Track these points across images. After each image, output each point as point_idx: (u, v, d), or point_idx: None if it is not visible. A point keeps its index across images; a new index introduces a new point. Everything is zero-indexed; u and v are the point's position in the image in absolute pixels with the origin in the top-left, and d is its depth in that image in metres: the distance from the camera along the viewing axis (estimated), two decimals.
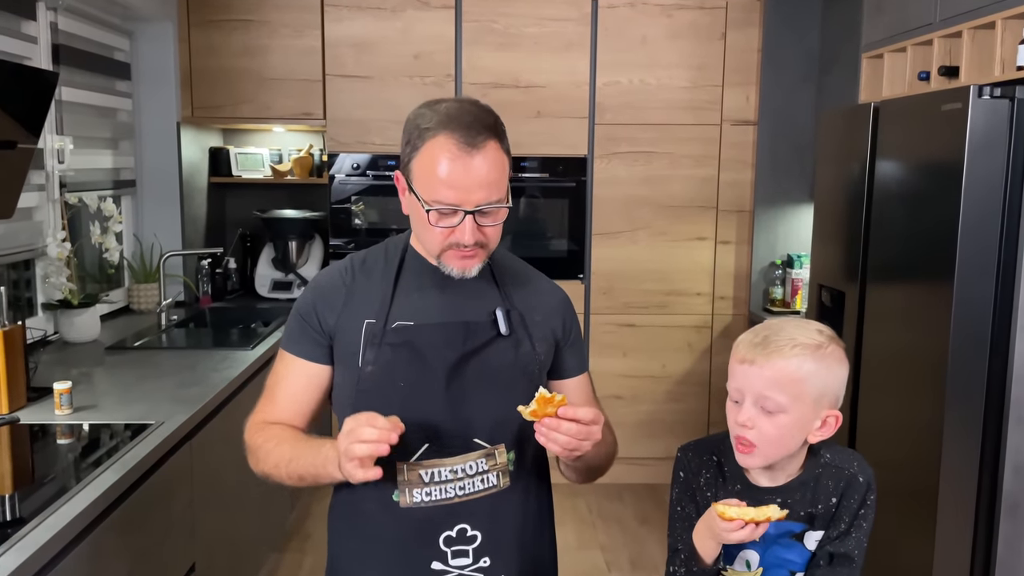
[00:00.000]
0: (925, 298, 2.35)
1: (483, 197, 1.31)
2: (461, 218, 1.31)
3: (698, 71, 3.90)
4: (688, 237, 4.01)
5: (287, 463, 1.34)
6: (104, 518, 1.73)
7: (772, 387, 1.20)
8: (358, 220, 3.91)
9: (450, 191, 1.29)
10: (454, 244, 1.34)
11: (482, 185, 1.30)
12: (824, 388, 1.23)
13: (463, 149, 1.29)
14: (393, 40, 3.82)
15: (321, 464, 1.29)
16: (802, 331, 1.23)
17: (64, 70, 3.09)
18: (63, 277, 2.91)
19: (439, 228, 1.33)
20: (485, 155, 1.30)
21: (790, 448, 1.25)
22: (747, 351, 1.22)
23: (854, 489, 1.27)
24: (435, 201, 1.31)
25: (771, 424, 1.22)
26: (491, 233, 1.35)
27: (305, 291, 1.47)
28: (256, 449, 1.40)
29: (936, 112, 2.27)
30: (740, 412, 1.23)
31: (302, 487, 1.38)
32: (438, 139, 1.30)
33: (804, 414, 1.23)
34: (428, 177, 1.31)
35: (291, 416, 1.43)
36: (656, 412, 4.09)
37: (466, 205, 1.30)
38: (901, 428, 2.39)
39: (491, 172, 1.30)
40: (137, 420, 2.12)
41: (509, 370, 1.41)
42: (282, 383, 1.44)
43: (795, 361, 1.20)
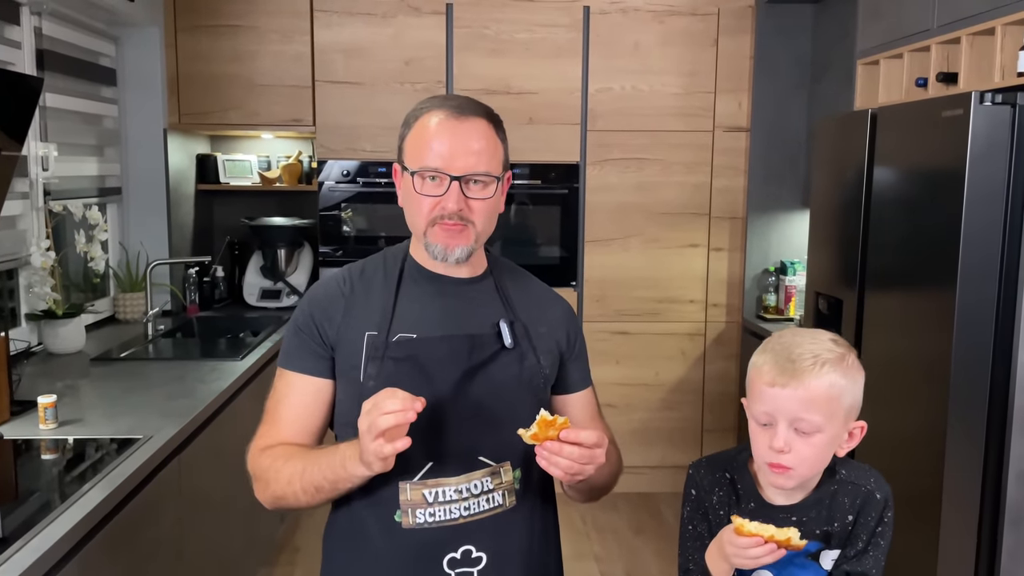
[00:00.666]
0: (926, 305, 2.33)
1: (470, 165, 1.30)
2: (447, 186, 1.29)
3: (690, 77, 3.88)
4: (681, 244, 3.98)
5: (301, 475, 1.28)
6: (91, 538, 1.68)
7: (807, 409, 1.17)
8: (347, 227, 3.86)
9: (436, 157, 1.29)
10: (439, 217, 1.31)
11: (469, 152, 1.29)
12: (853, 400, 1.21)
13: (452, 116, 1.30)
14: (384, 46, 3.78)
15: (340, 464, 1.23)
16: (819, 344, 1.20)
17: (48, 76, 3.03)
18: (47, 287, 2.85)
19: (424, 196, 1.31)
20: (474, 125, 1.31)
21: (823, 465, 1.23)
22: (776, 374, 1.18)
23: (871, 506, 1.24)
24: (421, 167, 1.30)
25: (807, 445, 1.18)
26: (479, 209, 1.32)
27: (301, 304, 1.42)
28: (263, 473, 1.33)
29: (936, 118, 2.25)
30: (775, 437, 1.18)
31: (316, 504, 1.31)
32: (429, 113, 1.32)
33: (837, 430, 1.20)
34: (416, 146, 1.32)
35: (297, 437, 1.37)
36: (650, 420, 4.06)
37: (451, 171, 1.29)
38: (902, 436, 2.37)
39: (479, 141, 1.30)
40: (124, 434, 2.06)
41: (514, 385, 1.36)
42: (285, 402, 1.38)
43: (827, 379, 1.17)
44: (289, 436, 1.36)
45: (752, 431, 1.22)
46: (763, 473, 1.23)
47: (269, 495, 1.33)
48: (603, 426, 1.50)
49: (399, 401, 1.13)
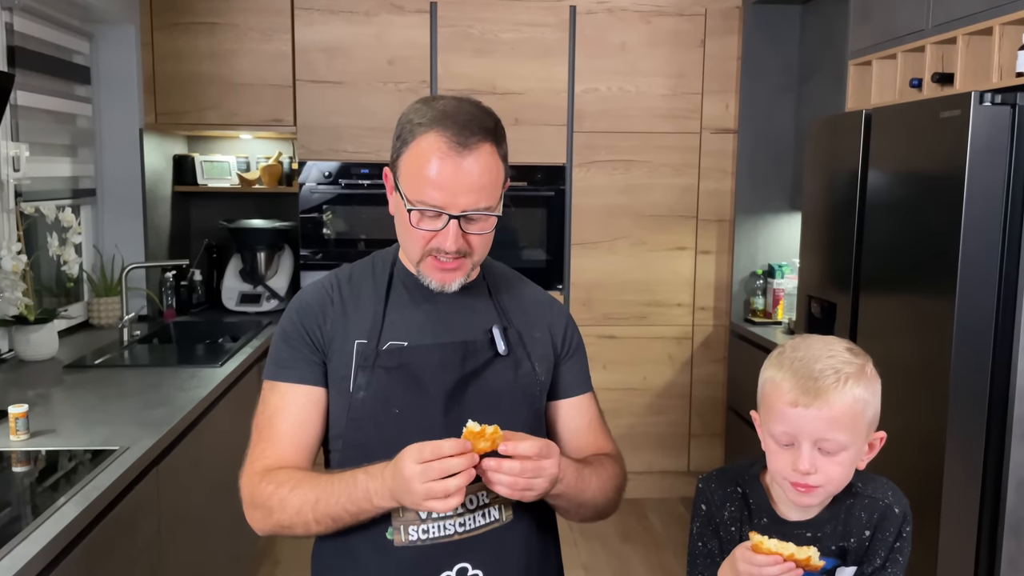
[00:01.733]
0: (923, 310, 2.30)
1: (471, 202, 1.21)
2: (445, 223, 1.22)
3: (677, 79, 3.84)
4: (668, 247, 3.94)
5: (314, 506, 1.19)
6: (66, 554, 1.59)
7: (833, 428, 1.12)
8: (328, 230, 3.78)
9: (436, 192, 1.20)
10: (434, 251, 1.24)
11: (471, 189, 1.21)
12: (875, 412, 1.16)
13: (454, 148, 1.20)
14: (366, 45, 3.71)
15: (364, 498, 1.16)
16: (838, 357, 1.14)
17: (20, 73, 2.93)
18: (18, 292, 2.74)
19: (420, 231, 1.23)
20: (477, 157, 1.21)
21: (847, 481, 1.17)
22: (799, 394, 1.12)
23: (889, 521, 1.18)
24: (419, 201, 1.22)
25: (833, 464, 1.13)
26: (477, 243, 1.26)
27: (287, 313, 1.34)
28: (265, 501, 1.23)
29: (934, 119, 2.22)
30: (800, 459, 1.13)
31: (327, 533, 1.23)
32: (429, 136, 1.21)
33: (861, 445, 1.15)
34: (414, 175, 1.22)
35: (297, 453, 1.28)
36: (637, 425, 4.01)
37: (451, 209, 1.21)
38: (899, 444, 2.32)
39: (482, 176, 1.21)
40: (99, 445, 1.97)
41: (509, 393, 1.30)
42: (280, 416, 1.29)
43: (850, 395, 1.11)
44: (289, 454, 1.27)
45: (770, 449, 1.17)
46: (785, 490, 1.17)
47: (271, 524, 1.24)
48: (603, 436, 1.43)
49: (459, 461, 1.08)
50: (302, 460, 1.28)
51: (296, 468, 1.26)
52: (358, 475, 1.17)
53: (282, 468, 1.25)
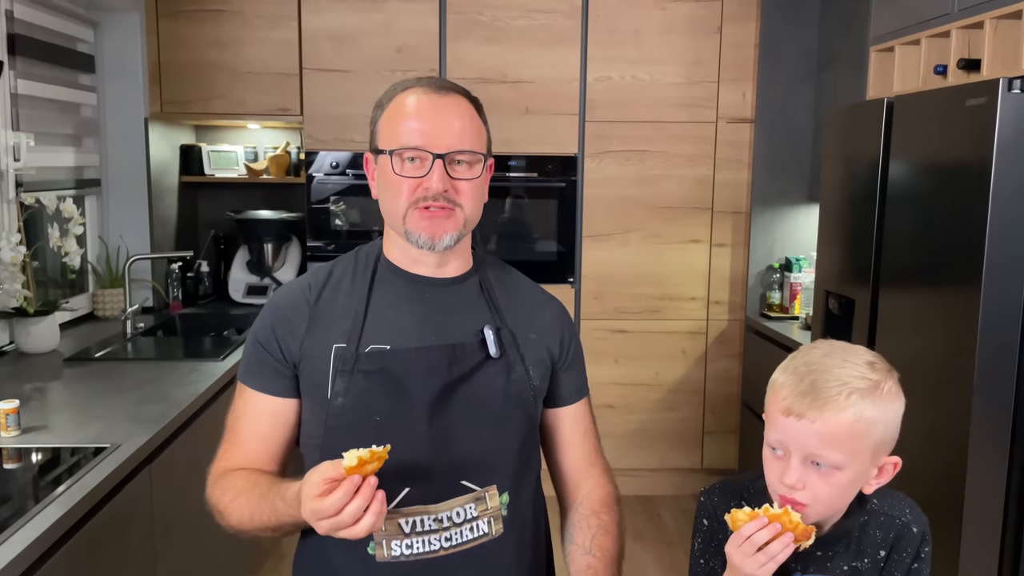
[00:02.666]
0: (947, 305, 2.20)
1: (453, 142, 1.17)
2: (430, 165, 1.16)
3: (693, 67, 3.74)
4: (682, 239, 3.85)
5: (250, 518, 1.16)
6: (48, 557, 1.54)
7: (826, 445, 1.02)
8: (339, 221, 3.72)
9: (415, 134, 1.16)
10: (421, 199, 1.17)
11: (452, 129, 1.17)
12: (884, 435, 1.05)
13: (431, 92, 1.18)
14: (374, 32, 3.64)
15: (289, 523, 1.12)
16: (852, 368, 1.03)
17: (21, 61, 2.88)
18: (18, 284, 2.70)
19: (404, 178, 1.17)
20: (455, 101, 1.19)
21: (845, 505, 1.08)
22: (793, 401, 1.02)
23: (907, 540, 1.10)
24: (400, 146, 1.17)
25: (824, 483, 1.03)
26: (466, 191, 1.19)
27: (262, 313, 1.27)
28: (216, 503, 1.21)
29: (959, 107, 2.12)
30: (787, 471, 1.03)
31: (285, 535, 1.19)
32: (407, 91, 1.20)
33: (862, 468, 1.05)
34: (393, 125, 1.19)
35: (258, 459, 1.23)
36: (649, 421, 3.93)
37: (435, 148, 1.16)
38: (920, 442, 2.24)
39: (462, 118, 1.18)
40: (91, 443, 1.92)
41: (501, 399, 1.22)
42: (243, 421, 1.25)
43: (851, 412, 1.01)
44: (249, 458, 1.23)
45: (765, 456, 1.08)
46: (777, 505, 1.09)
47: (227, 527, 1.21)
48: (594, 450, 1.35)
49: (344, 493, 0.99)
50: (264, 465, 1.24)
51: (246, 472, 1.21)
52: (277, 501, 1.12)
53: (236, 471, 1.22)
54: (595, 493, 1.31)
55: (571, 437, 1.34)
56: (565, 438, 1.34)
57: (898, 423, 1.07)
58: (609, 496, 1.32)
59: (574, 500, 1.33)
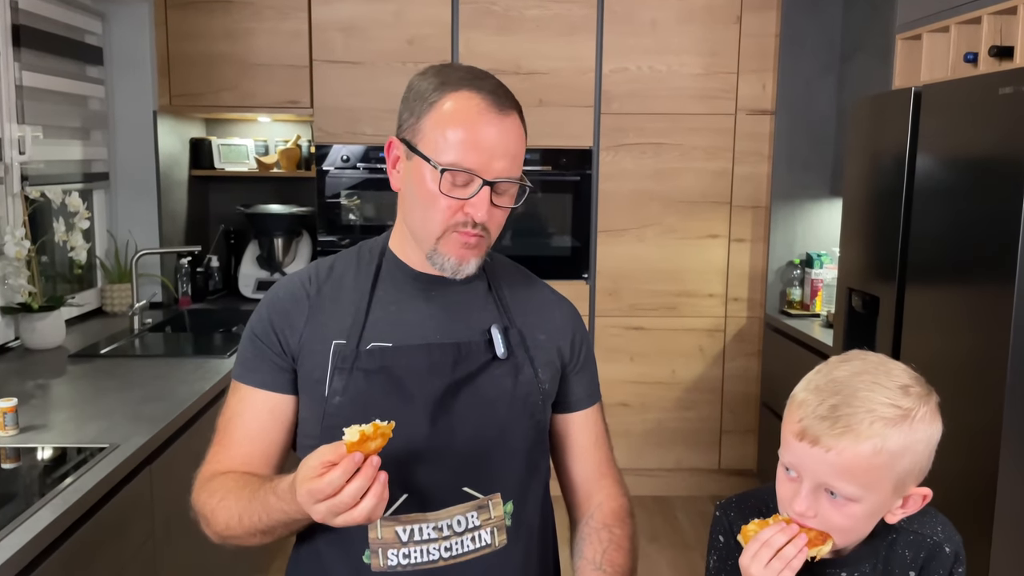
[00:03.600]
0: (978, 303, 2.11)
1: (505, 168, 1.09)
2: (477, 188, 1.08)
3: (711, 57, 3.65)
4: (700, 234, 3.76)
5: (238, 520, 1.08)
6: (42, 561, 1.49)
7: (840, 477, 0.92)
8: (353, 215, 3.66)
9: (473, 153, 1.07)
10: (460, 224, 1.10)
11: (507, 154, 1.09)
12: (911, 466, 0.95)
13: (493, 108, 1.08)
14: (385, 23, 3.57)
15: (281, 519, 1.04)
16: (881, 392, 0.93)
17: (27, 53, 2.84)
18: (23, 279, 2.66)
19: (449, 199, 1.08)
20: (515, 125, 1.11)
21: (860, 535, 0.99)
22: (809, 424, 0.92)
23: (939, 562, 1.01)
24: (452, 163, 1.07)
25: (839, 514, 0.95)
26: (498, 218, 1.13)
27: (260, 307, 1.21)
28: (201, 508, 1.14)
29: (991, 96, 2.02)
30: (797, 498, 0.95)
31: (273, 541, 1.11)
32: (462, 93, 1.09)
33: (881, 500, 0.96)
34: (445, 135, 1.08)
35: (251, 461, 1.16)
36: (665, 420, 3.85)
37: (486, 173, 1.08)
38: (949, 446, 2.15)
39: (516, 142, 1.11)
40: (89, 443, 1.87)
41: (507, 402, 1.15)
42: (237, 421, 1.18)
43: (871, 444, 0.91)
44: (241, 460, 1.16)
45: (779, 474, 1.00)
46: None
47: (213, 534, 1.13)
48: (606, 458, 1.28)
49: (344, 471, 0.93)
50: (257, 468, 1.16)
51: (237, 474, 1.14)
52: (269, 497, 1.05)
53: (227, 473, 1.14)
54: (607, 505, 1.24)
55: (582, 444, 1.27)
56: (575, 445, 1.27)
57: (931, 452, 0.97)
58: (622, 508, 1.25)
59: (585, 512, 1.26)
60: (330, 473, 0.93)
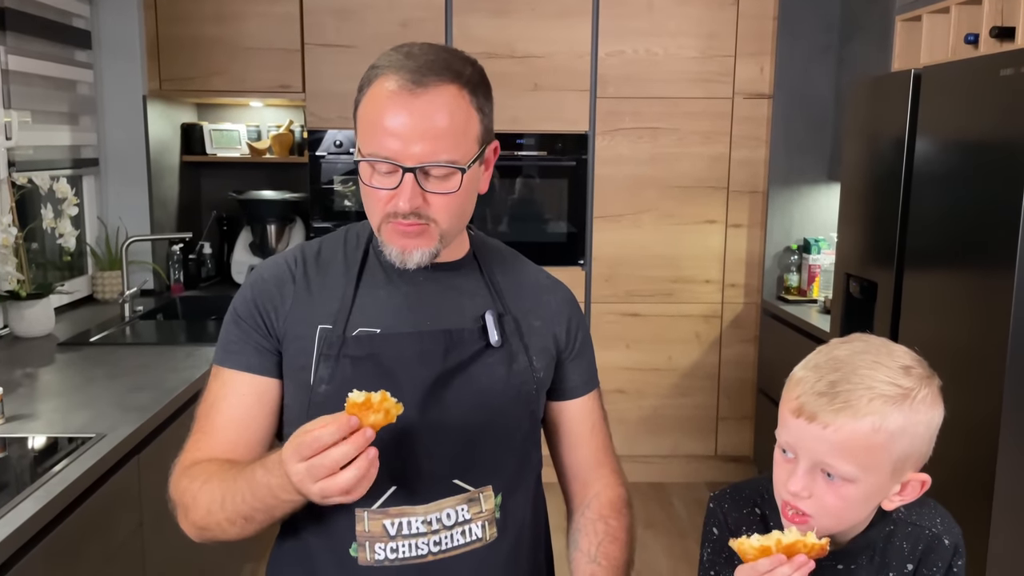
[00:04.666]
0: (978, 288, 2.09)
1: (427, 152, 1.02)
2: (400, 178, 1.03)
3: (708, 40, 3.60)
4: (696, 220, 3.72)
5: (221, 505, 1.03)
6: (25, 553, 1.47)
7: (837, 455, 0.90)
8: (347, 202, 3.62)
9: (387, 140, 1.02)
10: (392, 214, 1.05)
11: (426, 135, 1.01)
12: (910, 449, 0.93)
13: (406, 88, 1.01)
14: (378, 6, 3.52)
15: (268, 495, 0.99)
16: (883, 371, 0.91)
17: (12, 37, 2.79)
18: (10, 266, 2.62)
19: (374, 189, 1.05)
20: (435, 98, 1.02)
21: (858, 519, 0.97)
22: (807, 401, 0.91)
23: (937, 554, 0.99)
24: (370, 153, 1.04)
25: (832, 494, 0.92)
26: (440, 205, 1.06)
27: (243, 288, 1.17)
28: (181, 496, 1.09)
29: (992, 78, 1.99)
30: (792, 477, 0.92)
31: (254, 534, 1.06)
32: (384, 78, 1.03)
33: (878, 483, 0.93)
34: (367, 123, 1.04)
35: (235, 448, 1.11)
36: (661, 407, 3.83)
37: (404, 160, 1.02)
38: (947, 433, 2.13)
39: (441, 120, 1.02)
40: (76, 432, 1.84)
41: (501, 391, 1.12)
42: (220, 406, 1.13)
43: (870, 421, 0.89)
44: (224, 448, 1.11)
45: (775, 456, 0.97)
46: (780, 510, 0.97)
47: (190, 525, 1.09)
48: (604, 447, 1.25)
49: (349, 447, 0.89)
50: (241, 456, 1.11)
51: (220, 460, 1.09)
52: (256, 470, 1.00)
53: (208, 460, 1.09)
54: (603, 495, 1.21)
55: (578, 433, 1.24)
56: (572, 434, 1.24)
57: (931, 436, 0.95)
58: (619, 499, 1.22)
59: (581, 502, 1.23)
60: (320, 430, 0.89)
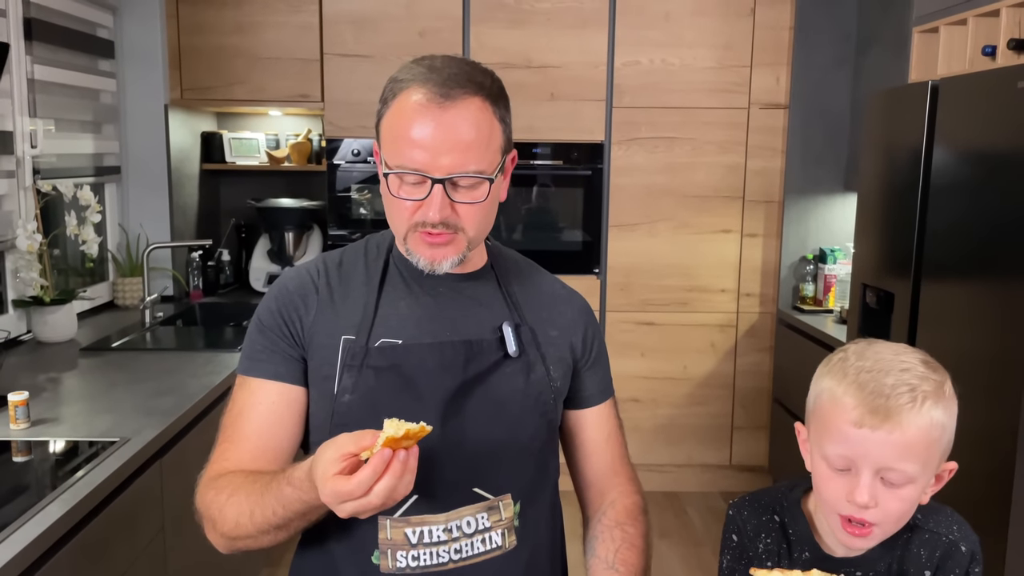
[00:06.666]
0: (995, 299, 2.08)
1: (456, 163, 1.04)
2: (429, 189, 1.05)
3: (725, 50, 3.62)
4: (712, 229, 3.73)
5: (250, 517, 1.03)
6: (53, 554, 1.49)
7: (903, 457, 0.94)
8: (363, 210, 3.65)
9: (415, 152, 1.04)
10: (420, 224, 1.07)
11: (455, 147, 1.04)
12: (950, 439, 0.98)
13: (435, 101, 1.03)
14: (396, 16, 3.56)
15: (298, 510, 1.00)
16: (914, 372, 0.95)
17: (38, 47, 2.84)
18: (34, 272, 2.67)
19: (402, 200, 1.07)
20: (463, 111, 1.04)
21: (906, 520, 0.99)
22: (866, 413, 0.94)
23: (955, 561, 1.00)
24: (398, 165, 1.06)
25: (895, 498, 0.95)
26: (468, 214, 1.08)
27: (267, 298, 1.19)
28: (207, 508, 1.09)
29: (1010, 90, 1.99)
30: (858, 489, 0.94)
31: (284, 541, 1.08)
32: (409, 91, 1.05)
33: (928, 478, 0.98)
34: (393, 136, 1.06)
35: (262, 457, 1.12)
36: (676, 416, 3.83)
37: (434, 172, 1.04)
38: (966, 443, 2.13)
39: (468, 132, 1.04)
40: (100, 436, 1.87)
41: (519, 401, 1.14)
42: (248, 415, 1.13)
43: (927, 418, 0.93)
44: (252, 456, 1.11)
45: (821, 474, 0.99)
46: (832, 527, 0.99)
47: (218, 536, 1.09)
48: (620, 455, 1.27)
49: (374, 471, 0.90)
50: (267, 465, 1.11)
51: (247, 471, 1.09)
52: (283, 487, 1.01)
53: (233, 472, 1.09)
54: (620, 503, 1.23)
55: (594, 441, 1.25)
56: (588, 442, 1.26)
57: (955, 426, 0.99)
58: (635, 506, 1.23)
59: (597, 509, 1.25)
60: (359, 475, 0.90)
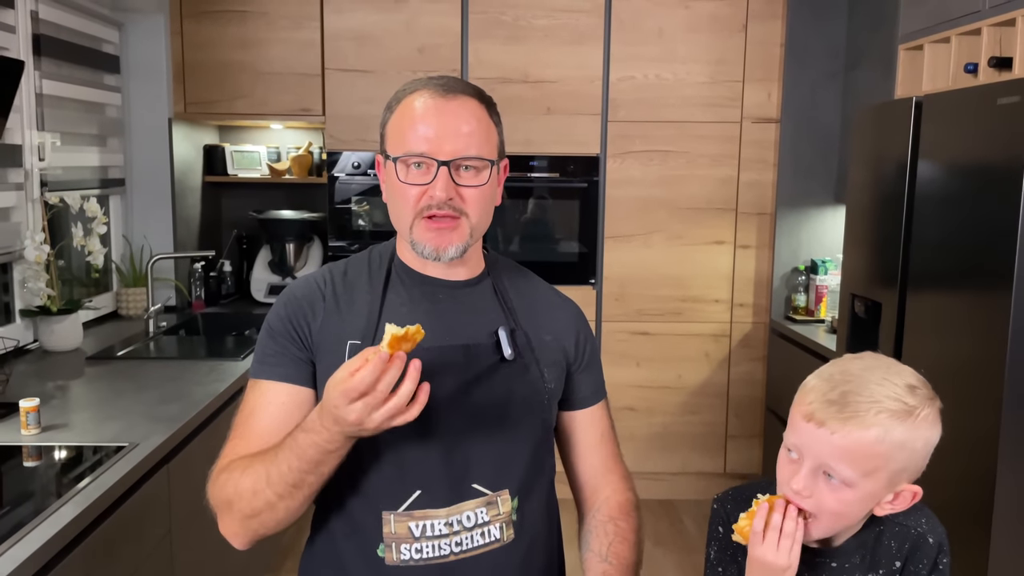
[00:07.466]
0: (977, 309, 2.15)
1: (459, 148, 1.15)
2: (434, 172, 1.14)
3: (717, 66, 3.70)
4: (706, 241, 3.80)
5: (267, 480, 1.08)
6: (64, 556, 1.54)
7: (840, 459, 0.98)
8: (362, 222, 3.72)
9: (421, 140, 1.15)
10: (426, 208, 1.16)
11: (458, 133, 1.15)
12: (908, 462, 1.01)
13: (438, 95, 1.16)
14: (396, 33, 3.63)
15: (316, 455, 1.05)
16: (890, 388, 0.99)
17: (47, 62, 2.91)
18: (42, 282, 2.72)
19: (408, 185, 1.16)
20: (463, 104, 1.17)
21: (851, 522, 1.05)
22: (817, 408, 0.99)
23: (923, 552, 1.06)
24: (405, 152, 1.16)
25: (831, 496, 1.00)
26: (473, 198, 1.17)
27: (276, 305, 1.25)
28: (221, 491, 1.13)
29: (991, 106, 2.07)
30: (796, 476, 1.01)
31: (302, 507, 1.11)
32: (414, 95, 1.18)
33: (874, 490, 1.01)
34: (399, 129, 1.18)
35: None
36: (671, 424, 3.89)
37: (439, 155, 1.14)
38: (948, 450, 2.19)
39: (470, 121, 1.16)
40: (108, 441, 1.92)
41: (515, 402, 1.20)
42: (258, 415, 1.19)
43: (875, 432, 0.97)
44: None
45: (780, 455, 1.06)
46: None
47: (238, 520, 1.13)
48: (612, 454, 1.33)
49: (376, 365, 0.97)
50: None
51: (252, 454, 1.14)
52: (297, 436, 1.07)
53: (241, 458, 1.15)
54: (613, 499, 1.29)
55: (588, 441, 1.32)
56: (582, 442, 1.32)
57: (927, 453, 1.02)
58: (627, 502, 1.29)
59: (591, 506, 1.31)
60: (362, 371, 0.97)
